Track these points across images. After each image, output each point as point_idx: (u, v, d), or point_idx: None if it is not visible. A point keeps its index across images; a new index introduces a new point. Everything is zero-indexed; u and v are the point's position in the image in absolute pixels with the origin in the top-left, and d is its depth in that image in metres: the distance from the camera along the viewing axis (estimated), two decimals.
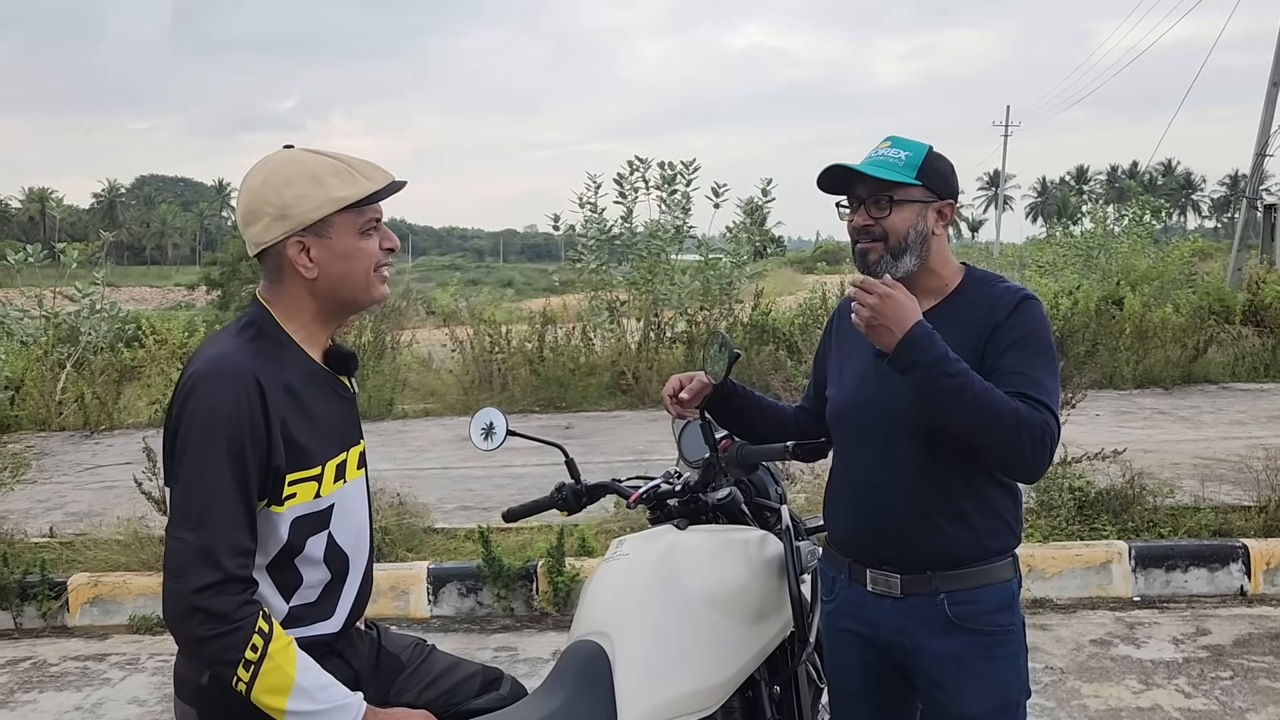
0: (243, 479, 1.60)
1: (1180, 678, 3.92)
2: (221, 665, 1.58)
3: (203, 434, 1.59)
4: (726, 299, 10.97)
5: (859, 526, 2.08)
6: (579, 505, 2.55)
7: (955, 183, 2.05)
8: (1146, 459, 6.43)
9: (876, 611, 2.05)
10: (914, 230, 1.98)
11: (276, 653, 1.58)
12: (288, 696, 1.58)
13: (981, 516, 1.99)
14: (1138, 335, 10.48)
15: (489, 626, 4.76)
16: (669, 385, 2.31)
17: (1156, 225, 18.68)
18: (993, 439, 1.84)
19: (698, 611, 2.09)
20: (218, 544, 1.56)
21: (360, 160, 1.78)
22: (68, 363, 10.29)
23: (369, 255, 1.77)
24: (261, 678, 1.56)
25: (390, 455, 7.75)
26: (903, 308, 1.84)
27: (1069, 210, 23.82)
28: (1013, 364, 1.91)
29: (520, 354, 10.32)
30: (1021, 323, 1.95)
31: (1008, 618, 2.01)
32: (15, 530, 5.50)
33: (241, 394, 1.61)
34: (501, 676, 2.11)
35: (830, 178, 2.04)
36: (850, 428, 2.10)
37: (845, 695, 2.20)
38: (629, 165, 10.78)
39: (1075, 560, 4.85)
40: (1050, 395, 1.89)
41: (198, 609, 1.54)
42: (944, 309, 2.02)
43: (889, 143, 2.03)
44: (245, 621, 1.56)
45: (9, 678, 4.30)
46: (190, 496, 1.59)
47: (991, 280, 2.05)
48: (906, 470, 1.99)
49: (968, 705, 1.99)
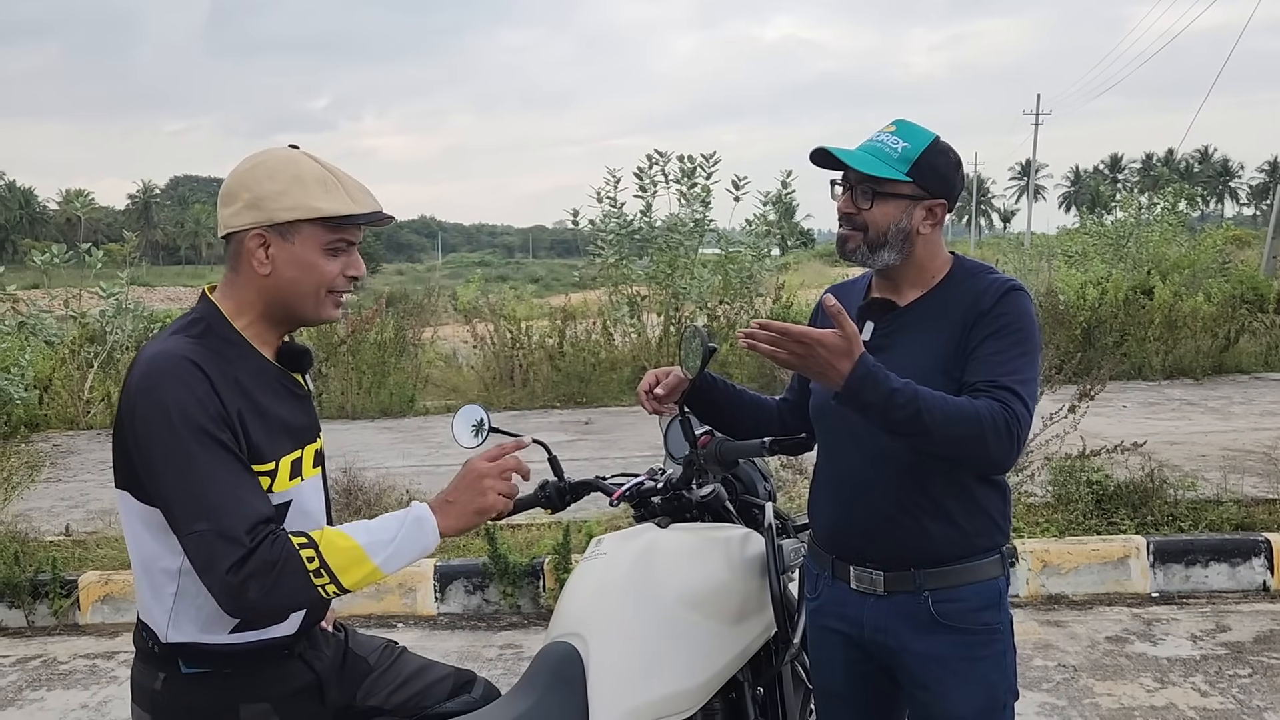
0: (226, 451, 1.58)
1: (1197, 675, 3.82)
2: (306, 600, 1.60)
3: (169, 429, 1.55)
4: (747, 293, 10.89)
5: (841, 523, 2.03)
6: (563, 503, 2.50)
7: (954, 180, 1.97)
8: (1172, 451, 6.31)
9: (860, 610, 2.00)
10: (895, 227, 1.92)
11: (324, 543, 1.58)
12: (368, 558, 1.59)
13: (966, 513, 1.94)
14: (1167, 325, 10.30)
15: (496, 624, 4.74)
16: (644, 380, 2.27)
17: (1191, 213, 18.34)
18: (958, 448, 1.78)
19: (675, 611, 2.05)
20: (231, 522, 1.53)
21: (354, 181, 1.75)
22: (95, 362, 10.40)
23: (325, 274, 1.72)
24: (336, 570, 1.57)
25: (409, 452, 7.77)
26: (832, 353, 1.70)
27: (1102, 199, 23.37)
28: (989, 350, 1.85)
29: (541, 350, 10.32)
30: (1005, 312, 1.89)
31: (994, 616, 1.96)
32: (31, 529, 5.55)
33: (193, 382, 1.58)
34: (474, 679, 2.08)
35: (823, 155, 1.97)
36: (832, 423, 2.05)
37: (830, 696, 2.15)
38: (648, 159, 10.72)
39: (1092, 555, 4.74)
40: (1021, 379, 1.82)
41: (243, 582, 1.52)
42: (929, 300, 1.97)
43: (893, 127, 1.95)
44: (284, 554, 1.55)
45: (19, 675, 4.33)
46: (186, 491, 1.55)
47: (980, 271, 1.99)
48: (888, 466, 1.93)
49: (953, 706, 1.93)
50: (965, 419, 1.75)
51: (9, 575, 4.88)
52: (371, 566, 1.59)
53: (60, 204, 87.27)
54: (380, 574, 1.61)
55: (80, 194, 41.33)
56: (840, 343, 1.71)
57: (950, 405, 1.76)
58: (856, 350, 1.71)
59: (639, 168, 10.78)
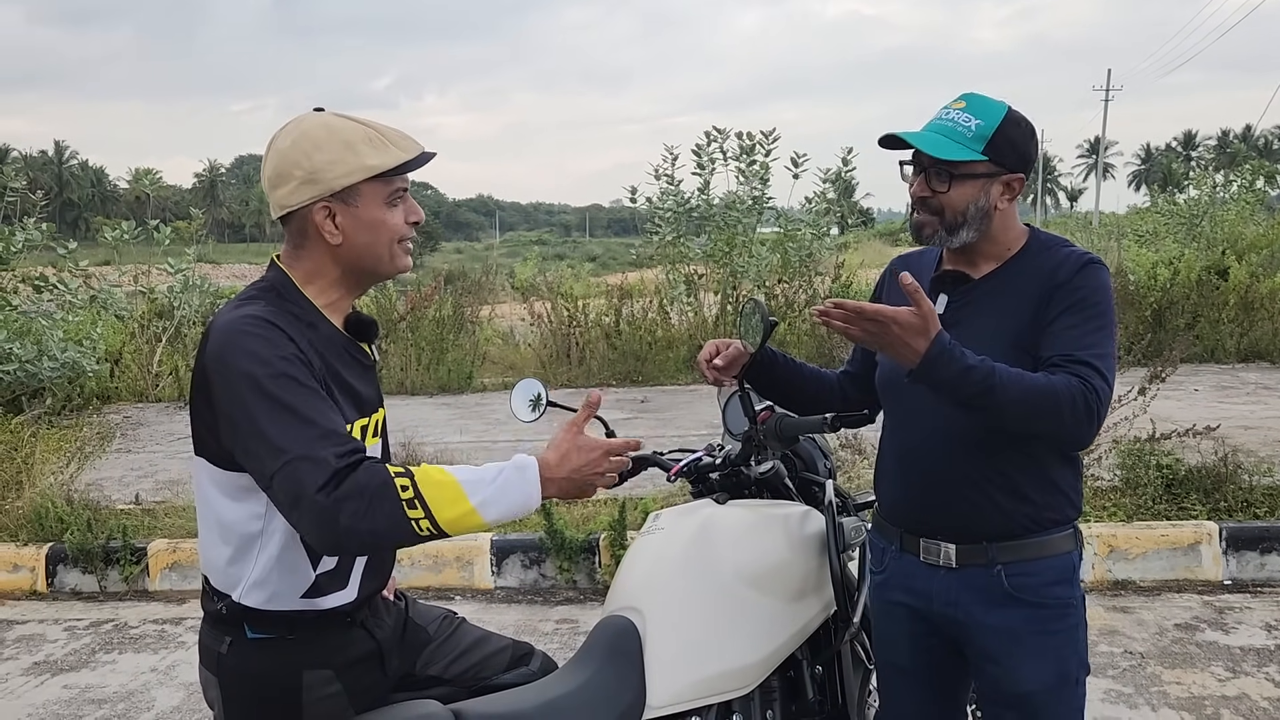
0: (306, 389, 1.57)
1: (1271, 666, 3.70)
2: (401, 533, 1.51)
3: (248, 376, 1.55)
4: (806, 271, 10.77)
5: (910, 496, 2.00)
6: (621, 478, 2.48)
7: (1030, 151, 1.91)
8: (1246, 436, 6.11)
9: (929, 583, 1.97)
10: (974, 206, 1.87)
11: (421, 475, 1.53)
12: (466, 497, 1.53)
13: (1038, 487, 1.89)
14: (1243, 307, 9.98)
15: (552, 599, 4.76)
16: (704, 350, 2.24)
17: (1270, 191, 17.72)
18: (1035, 425, 1.75)
19: (733, 588, 2.03)
20: (319, 447, 1.51)
21: (391, 129, 1.75)
22: (163, 337, 10.65)
23: (393, 227, 1.74)
24: (433, 504, 1.51)
25: (467, 428, 7.83)
26: (907, 331, 1.69)
27: (1174, 178, 22.71)
28: (1066, 324, 1.81)
29: (598, 328, 10.33)
30: (1082, 285, 1.84)
31: (1067, 591, 1.92)
32: (102, 498, 5.71)
33: (272, 335, 1.60)
34: (532, 652, 2.08)
35: (894, 138, 1.92)
36: (901, 396, 2.00)
37: (894, 671, 2.12)
38: (705, 136, 10.64)
39: (1161, 541, 4.62)
40: (1100, 353, 1.78)
41: (336, 504, 1.48)
42: (1004, 273, 1.92)
43: (963, 104, 1.90)
44: (379, 480, 1.50)
45: (92, 638, 4.46)
46: (267, 430, 1.53)
47: (1055, 244, 1.93)
48: (958, 440, 1.89)
49: (1023, 680, 1.90)
50: (1042, 396, 1.71)
51: (82, 541, 5.03)
52: (469, 506, 1.53)
53: (130, 182, 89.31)
54: (478, 517, 1.54)
55: (149, 172, 42.27)
56: (916, 321, 1.69)
57: (1026, 382, 1.72)
58: (933, 329, 1.69)
59: (697, 145, 10.71)
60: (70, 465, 5.89)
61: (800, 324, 9.88)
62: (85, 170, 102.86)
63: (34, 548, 5.18)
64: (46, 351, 8.79)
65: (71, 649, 4.36)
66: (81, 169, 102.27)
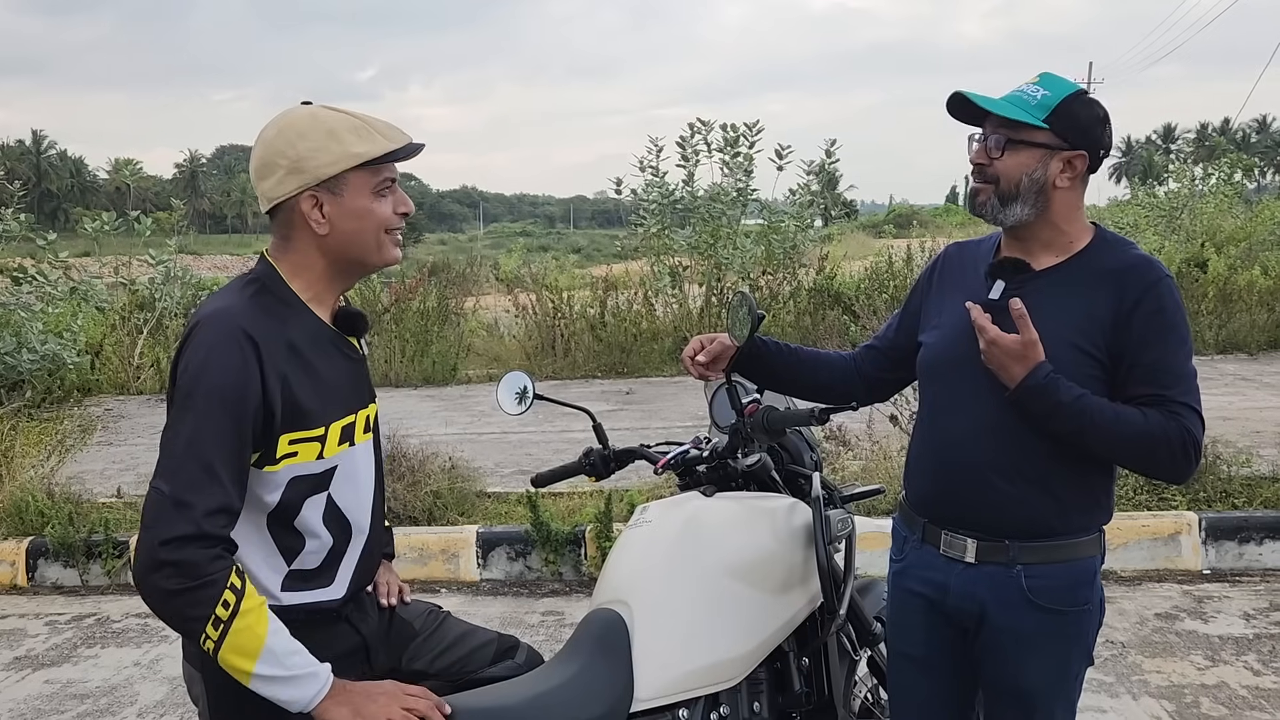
0: (232, 433, 1.56)
1: (1249, 654, 3.74)
2: (190, 622, 1.51)
3: (193, 384, 1.56)
4: (790, 263, 10.79)
5: (938, 485, 1.99)
6: (607, 471, 2.49)
7: (1098, 134, 1.86)
8: (1225, 427, 6.16)
9: (947, 575, 1.97)
10: (1028, 177, 1.83)
11: (249, 612, 1.52)
12: (256, 659, 1.52)
13: (1069, 486, 1.87)
14: (1221, 299, 10.07)
15: (538, 590, 4.77)
16: (689, 347, 2.23)
17: (1248, 184, 17.87)
18: (1126, 463, 1.82)
19: (720, 581, 2.03)
20: (194, 498, 1.50)
21: (379, 120, 1.74)
22: (144, 328, 10.57)
23: (381, 217, 1.73)
24: (231, 637, 1.50)
25: (452, 420, 7.82)
26: (1008, 355, 1.76)
27: (1154, 170, 22.88)
28: (1153, 357, 1.79)
29: (582, 320, 10.32)
30: (1161, 309, 1.79)
31: (1086, 594, 1.91)
32: (84, 491, 5.67)
33: (235, 348, 1.58)
34: (518, 645, 2.08)
35: (960, 105, 1.89)
36: (940, 380, 1.99)
37: (907, 659, 2.12)
38: (690, 128, 10.63)
39: (1142, 531, 4.66)
40: (1192, 390, 1.80)
41: (166, 562, 1.48)
42: (1068, 268, 1.88)
43: (1037, 79, 1.87)
44: (216, 576, 1.50)
45: (74, 633, 4.44)
46: (173, 447, 1.55)
47: (1122, 245, 1.89)
48: (997, 431, 1.87)
49: (1024, 677, 1.91)
50: (1138, 441, 1.76)
51: (64, 535, 4.99)
52: (249, 669, 1.51)
53: (110, 173, 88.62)
54: (246, 679, 1.52)
55: (129, 163, 41.97)
56: (1017, 348, 1.74)
57: (1122, 425, 1.75)
58: (1033, 358, 1.74)
59: (681, 137, 10.70)
60: (51, 458, 5.84)
61: (785, 316, 9.91)
62: (64, 160, 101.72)
63: (14, 542, 5.14)
64: (26, 343, 8.72)
65: (53, 644, 4.33)
66: (60, 159, 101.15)
